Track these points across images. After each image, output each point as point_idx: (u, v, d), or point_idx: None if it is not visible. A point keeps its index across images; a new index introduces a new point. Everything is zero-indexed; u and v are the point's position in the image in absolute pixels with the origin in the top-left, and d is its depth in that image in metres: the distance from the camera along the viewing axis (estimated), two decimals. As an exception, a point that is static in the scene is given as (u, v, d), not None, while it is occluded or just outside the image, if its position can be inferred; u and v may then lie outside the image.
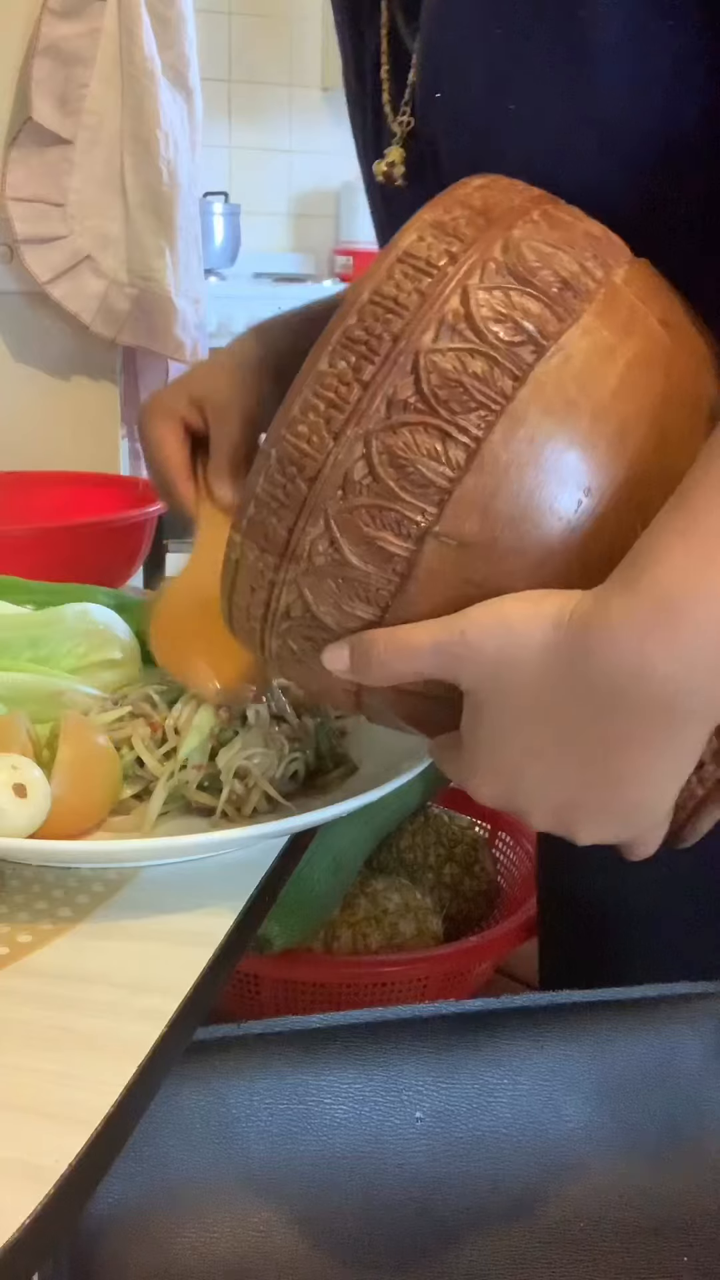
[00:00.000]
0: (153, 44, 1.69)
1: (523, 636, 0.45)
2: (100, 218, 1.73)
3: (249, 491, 0.48)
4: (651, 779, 0.47)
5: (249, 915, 0.63)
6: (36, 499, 1.46)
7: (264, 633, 0.51)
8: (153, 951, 0.60)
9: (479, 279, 0.45)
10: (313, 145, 3.40)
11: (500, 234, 0.47)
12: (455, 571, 0.46)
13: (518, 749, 0.48)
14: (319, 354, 0.46)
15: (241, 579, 0.50)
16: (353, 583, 0.47)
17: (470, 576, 0.46)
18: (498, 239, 0.47)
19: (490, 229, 0.47)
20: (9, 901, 0.64)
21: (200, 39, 1.77)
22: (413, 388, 0.45)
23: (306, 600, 0.48)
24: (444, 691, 0.48)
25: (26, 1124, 0.48)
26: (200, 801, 0.70)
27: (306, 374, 0.47)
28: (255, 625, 0.52)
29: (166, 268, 1.75)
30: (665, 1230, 0.59)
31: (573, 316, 0.46)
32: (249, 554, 0.49)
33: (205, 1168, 0.65)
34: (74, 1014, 0.55)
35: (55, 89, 1.68)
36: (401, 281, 0.46)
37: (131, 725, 0.72)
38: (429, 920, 1.07)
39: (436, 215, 0.47)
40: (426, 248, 0.46)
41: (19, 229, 1.71)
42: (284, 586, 0.49)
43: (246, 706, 0.72)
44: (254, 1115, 0.63)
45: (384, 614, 0.48)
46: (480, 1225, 0.59)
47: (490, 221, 0.47)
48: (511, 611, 0.46)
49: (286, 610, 0.49)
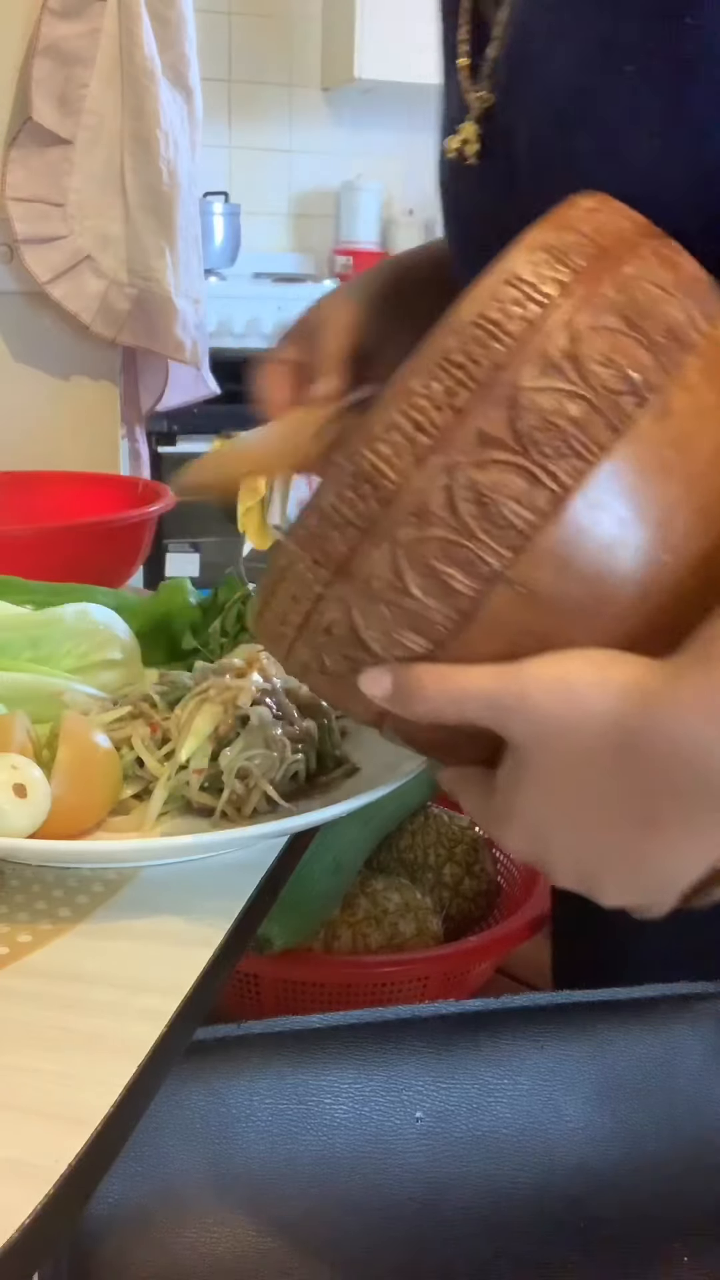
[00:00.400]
0: (153, 44, 1.69)
1: (585, 701, 0.43)
2: (100, 218, 1.73)
3: (314, 502, 0.46)
4: (685, 859, 0.46)
5: (249, 915, 0.63)
6: (36, 499, 1.46)
7: (296, 641, 0.50)
8: (153, 951, 0.60)
9: (588, 317, 0.43)
10: (313, 145, 3.40)
11: (612, 268, 0.45)
12: (519, 620, 0.45)
13: (555, 811, 0.46)
14: (412, 372, 0.44)
15: (285, 586, 0.48)
16: (409, 613, 0.45)
17: (533, 628, 0.45)
18: (609, 274, 0.44)
19: (601, 260, 0.45)
20: (9, 901, 0.63)
21: (200, 39, 1.77)
22: (507, 424, 0.43)
23: (354, 621, 0.47)
24: (477, 729, 0.47)
25: (26, 1124, 0.48)
26: (201, 802, 0.70)
27: (395, 390, 0.44)
28: (288, 632, 0.50)
29: (166, 268, 1.75)
30: (665, 1230, 0.59)
31: (677, 370, 0.44)
32: (299, 564, 0.47)
33: (205, 1168, 0.65)
34: (74, 1014, 0.55)
35: (55, 89, 1.68)
36: (508, 308, 0.43)
37: (131, 725, 0.72)
38: (429, 920, 1.07)
39: (546, 237, 0.45)
40: (535, 273, 0.44)
41: (19, 229, 1.71)
42: (331, 603, 0.47)
43: (248, 708, 0.72)
44: (254, 1115, 0.63)
45: (436, 650, 0.46)
46: (480, 1225, 0.59)
47: (601, 251, 0.45)
48: (576, 674, 0.44)
49: (329, 626, 0.48)
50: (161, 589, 0.92)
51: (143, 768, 0.71)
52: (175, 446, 2.80)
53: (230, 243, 3.13)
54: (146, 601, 0.91)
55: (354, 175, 3.37)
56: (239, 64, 3.28)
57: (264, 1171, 0.62)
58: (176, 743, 0.70)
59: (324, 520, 0.46)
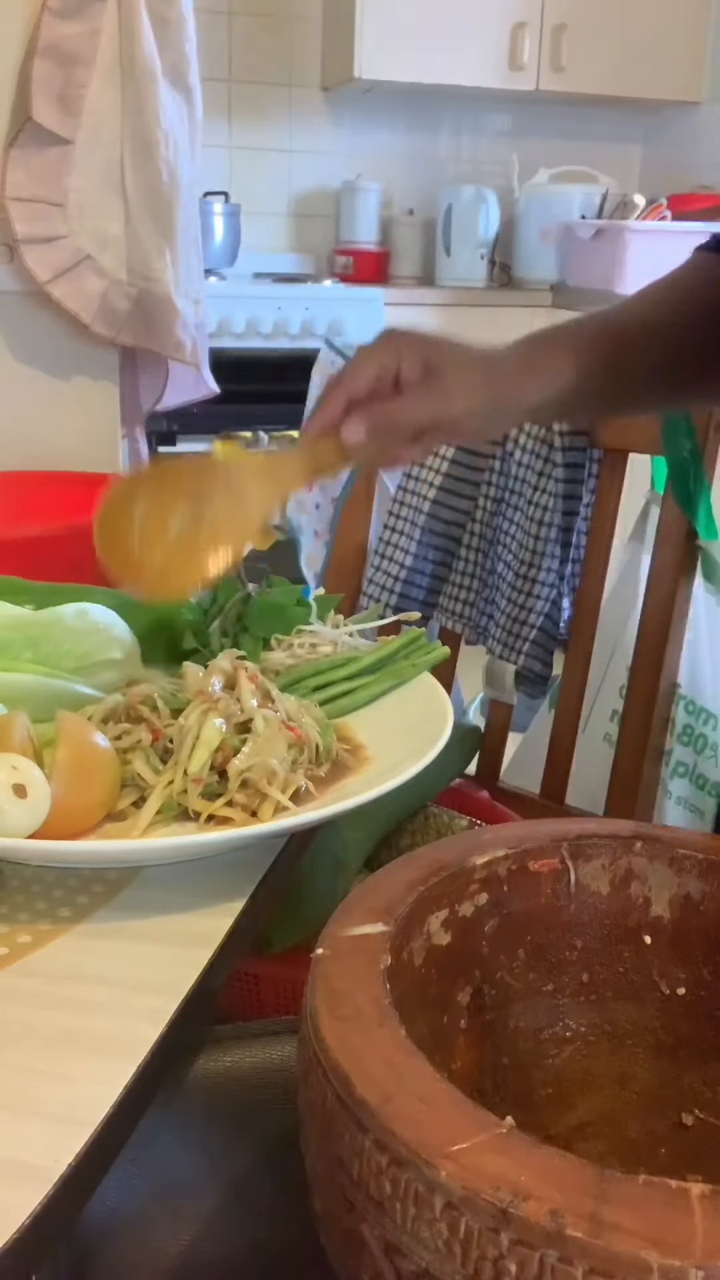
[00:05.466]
0: (153, 44, 1.69)
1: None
2: (100, 218, 1.73)
3: None
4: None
5: (249, 915, 0.63)
6: (36, 499, 1.46)
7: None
8: (153, 951, 0.60)
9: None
10: (313, 145, 3.40)
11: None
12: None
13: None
14: None
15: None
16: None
17: None
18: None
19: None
20: (9, 901, 0.63)
21: (200, 39, 1.77)
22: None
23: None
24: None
25: (26, 1124, 0.48)
26: (203, 810, 0.69)
27: None
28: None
29: (166, 268, 1.74)
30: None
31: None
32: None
33: (204, 1168, 0.65)
34: (74, 1014, 0.55)
35: (55, 89, 1.67)
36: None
37: (136, 732, 0.72)
38: (429, 920, 1.07)
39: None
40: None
41: (19, 229, 1.71)
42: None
43: (252, 715, 0.72)
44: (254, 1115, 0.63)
45: None
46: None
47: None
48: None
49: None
50: (162, 589, 0.92)
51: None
52: (175, 446, 2.80)
53: (230, 243, 3.13)
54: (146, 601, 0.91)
55: (354, 175, 3.37)
56: (239, 64, 3.28)
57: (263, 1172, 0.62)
58: (180, 753, 0.70)
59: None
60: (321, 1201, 0.45)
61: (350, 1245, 0.42)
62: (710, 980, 0.59)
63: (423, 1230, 0.39)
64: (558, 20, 3.14)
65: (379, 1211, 0.40)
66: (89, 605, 0.83)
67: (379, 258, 3.35)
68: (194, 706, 0.72)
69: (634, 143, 3.64)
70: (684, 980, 0.60)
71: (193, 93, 1.77)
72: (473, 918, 0.56)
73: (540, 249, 3.26)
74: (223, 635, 0.89)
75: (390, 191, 3.42)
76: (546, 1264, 0.36)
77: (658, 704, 1.28)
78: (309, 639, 0.89)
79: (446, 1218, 0.38)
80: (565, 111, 3.47)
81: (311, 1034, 0.45)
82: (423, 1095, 0.41)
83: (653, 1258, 0.35)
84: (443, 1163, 0.38)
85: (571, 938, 0.60)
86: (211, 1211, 0.63)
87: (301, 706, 0.76)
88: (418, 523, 1.44)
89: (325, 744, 0.75)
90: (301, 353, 2.69)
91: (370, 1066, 0.43)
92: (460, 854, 0.56)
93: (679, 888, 0.59)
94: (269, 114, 3.35)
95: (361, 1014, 0.45)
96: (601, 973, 0.61)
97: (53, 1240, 0.44)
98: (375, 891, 0.53)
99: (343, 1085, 0.42)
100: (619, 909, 0.60)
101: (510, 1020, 0.59)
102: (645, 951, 0.60)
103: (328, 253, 3.43)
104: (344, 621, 0.93)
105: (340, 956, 0.49)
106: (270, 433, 2.78)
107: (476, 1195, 0.37)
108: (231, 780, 0.69)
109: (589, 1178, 0.38)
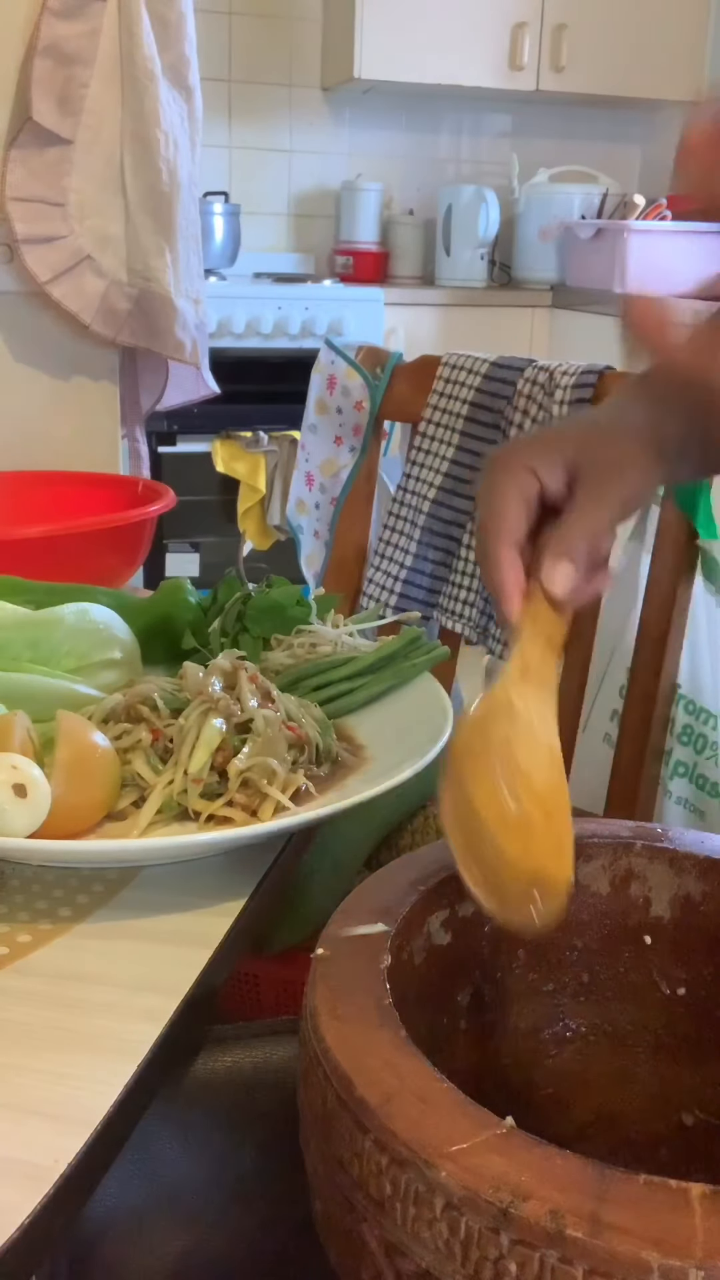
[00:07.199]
0: (153, 44, 1.69)
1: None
2: (100, 218, 1.73)
3: None
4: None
5: (249, 915, 0.63)
6: (36, 499, 1.46)
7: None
8: (153, 951, 0.60)
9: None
10: (313, 145, 3.40)
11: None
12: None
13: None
14: None
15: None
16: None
17: None
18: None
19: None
20: (9, 901, 0.63)
21: (200, 39, 1.77)
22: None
23: None
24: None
25: (26, 1124, 0.48)
26: (202, 810, 0.69)
27: None
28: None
29: (166, 268, 1.74)
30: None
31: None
32: None
33: (204, 1168, 0.65)
34: (74, 1014, 0.55)
35: (55, 89, 1.67)
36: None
37: (136, 732, 0.72)
38: (429, 920, 1.07)
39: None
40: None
41: (19, 229, 1.71)
42: None
43: (252, 715, 0.72)
44: (254, 1115, 0.63)
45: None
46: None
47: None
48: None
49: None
50: (161, 589, 0.92)
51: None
52: (175, 446, 2.80)
53: (230, 243, 3.13)
54: (146, 601, 0.91)
55: (354, 175, 3.37)
56: (239, 64, 3.28)
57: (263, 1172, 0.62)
58: (180, 753, 0.70)
59: None
60: (322, 1202, 0.45)
61: (350, 1245, 0.42)
62: (710, 980, 0.59)
63: (423, 1230, 0.39)
64: (558, 20, 3.14)
65: (379, 1212, 0.40)
66: (89, 605, 0.83)
67: (379, 258, 3.35)
68: (194, 706, 0.72)
69: (634, 143, 3.64)
70: (684, 980, 0.60)
71: (193, 93, 1.77)
72: (473, 918, 0.56)
73: (540, 249, 3.26)
74: (223, 635, 0.89)
75: (390, 192, 3.42)
76: (547, 1264, 0.36)
77: (658, 704, 1.28)
78: (309, 639, 0.89)
79: (447, 1218, 0.38)
80: (565, 111, 3.48)
81: (311, 1034, 0.45)
82: (423, 1095, 0.41)
83: (653, 1258, 0.35)
84: (443, 1163, 0.38)
85: (571, 938, 0.60)
86: (211, 1211, 0.63)
87: (301, 706, 0.76)
88: (418, 523, 1.44)
89: (325, 744, 0.75)
90: (301, 353, 2.70)
91: (370, 1066, 0.43)
92: None
93: (679, 888, 0.59)
94: (269, 114, 3.35)
95: (361, 1014, 0.45)
96: (601, 973, 0.61)
97: (52, 1240, 0.44)
98: (375, 891, 0.53)
99: (343, 1085, 0.42)
100: (619, 909, 0.60)
101: (510, 1020, 0.59)
102: (645, 952, 0.60)
103: (328, 253, 3.43)
104: (344, 621, 0.93)
105: (340, 956, 0.49)
106: (270, 432, 2.78)
107: (476, 1195, 0.37)
108: (231, 780, 0.69)
109: (589, 1178, 0.38)
